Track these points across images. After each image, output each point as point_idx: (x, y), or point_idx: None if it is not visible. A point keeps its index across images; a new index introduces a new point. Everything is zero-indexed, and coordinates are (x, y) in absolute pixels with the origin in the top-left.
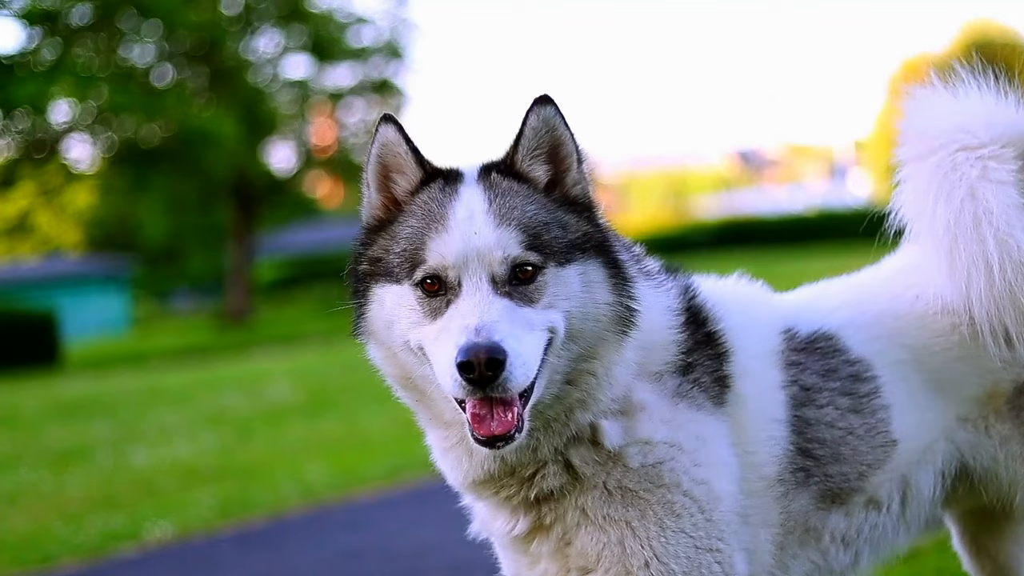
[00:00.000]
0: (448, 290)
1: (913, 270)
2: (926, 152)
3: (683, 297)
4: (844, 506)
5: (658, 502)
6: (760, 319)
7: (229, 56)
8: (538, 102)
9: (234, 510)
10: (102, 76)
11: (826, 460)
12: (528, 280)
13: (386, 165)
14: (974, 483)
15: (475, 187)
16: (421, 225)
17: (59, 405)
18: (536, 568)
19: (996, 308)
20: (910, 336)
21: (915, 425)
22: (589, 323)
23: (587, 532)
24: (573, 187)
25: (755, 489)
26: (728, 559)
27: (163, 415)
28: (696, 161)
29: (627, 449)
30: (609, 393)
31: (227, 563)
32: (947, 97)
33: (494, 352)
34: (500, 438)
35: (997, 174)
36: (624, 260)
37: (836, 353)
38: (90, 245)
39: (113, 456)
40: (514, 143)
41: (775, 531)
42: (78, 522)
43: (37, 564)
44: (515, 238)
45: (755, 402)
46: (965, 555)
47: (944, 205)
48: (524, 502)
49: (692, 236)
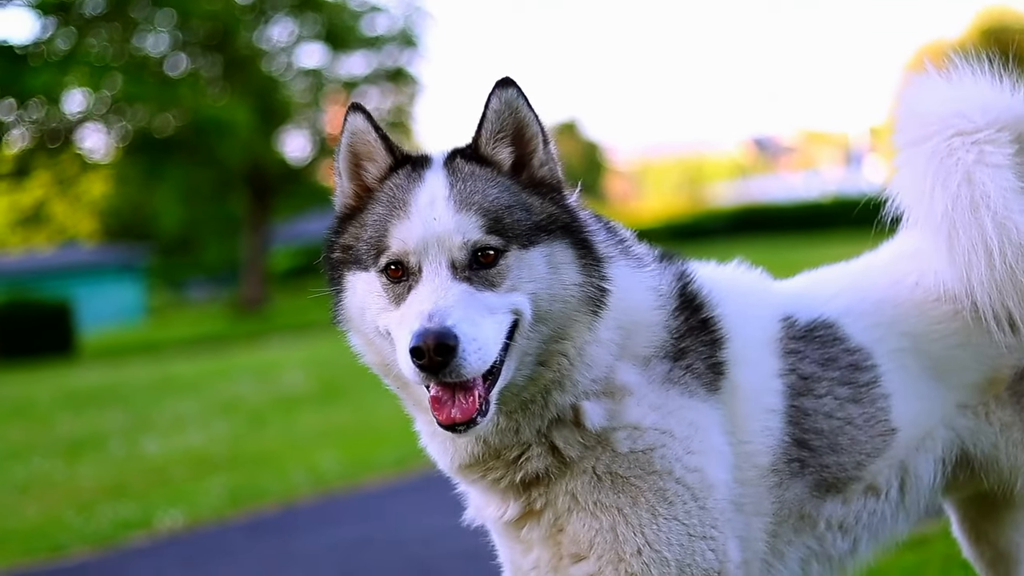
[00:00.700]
0: (410, 276)
1: (912, 256)
2: (922, 138)
3: (678, 282)
4: (841, 494)
5: (650, 489)
6: (758, 306)
7: (243, 45)
8: (499, 85)
9: (245, 499)
10: (116, 66)
11: (823, 451)
12: (490, 264)
13: (356, 153)
14: (975, 470)
15: (439, 173)
16: (386, 212)
17: (73, 395)
18: (529, 555)
19: (998, 292)
20: (910, 323)
21: (915, 413)
22: (557, 305)
23: (579, 518)
24: (540, 168)
25: (749, 478)
26: (722, 547)
27: (176, 404)
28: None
29: (615, 434)
30: (588, 374)
31: (237, 551)
32: (942, 83)
33: (443, 338)
34: (461, 423)
35: (993, 158)
36: (595, 240)
37: (835, 342)
38: (105, 235)
39: (125, 445)
40: (477, 127)
41: (768, 519)
42: (90, 511)
43: (48, 553)
44: (475, 223)
45: (751, 390)
46: (965, 541)
47: (941, 190)
48: (512, 486)
49: (707, 223)
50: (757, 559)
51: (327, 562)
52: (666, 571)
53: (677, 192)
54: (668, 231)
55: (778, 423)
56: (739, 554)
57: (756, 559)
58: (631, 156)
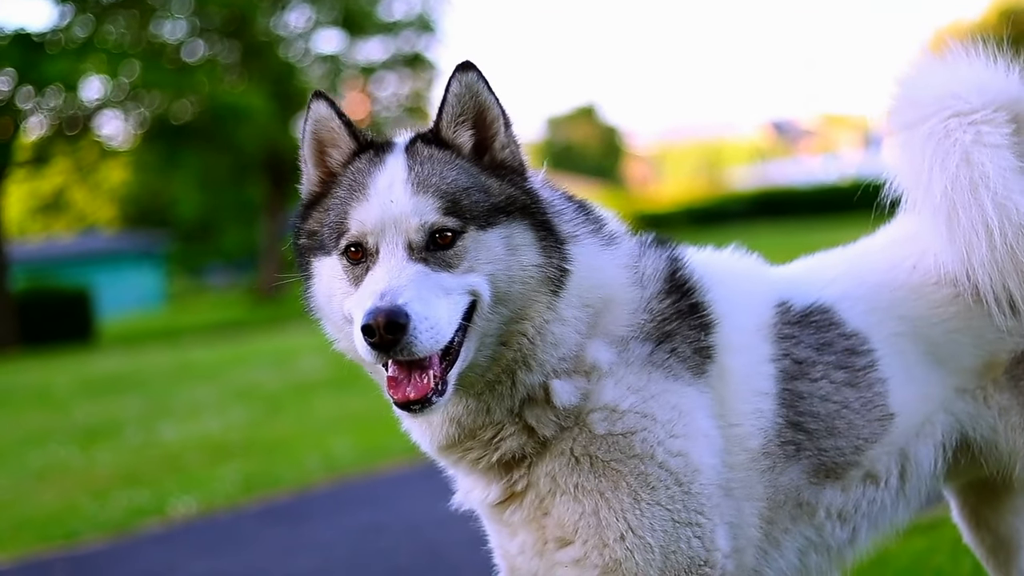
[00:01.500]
0: (368, 257)
1: (910, 240)
2: (918, 120)
3: (668, 266)
4: (840, 481)
5: (631, 473)
6: (751, 292)
7: (260, 31)
8: (460, 68)
9: (259, 485)
10: (133, 53)
11: (819, 434)
12: (447, 246)
13: (321, 140)
14: (974, 455)
15: (400, 156)
16: (347, 195)
17: (90, 381)
18: (515, 539)
19: (999, 273)
20: (907, 307)
21: (913, 398)
22: (516, 286)
23: (562, 502)
24: (501, 151)
25: (738, 462)
26: (709, 533)
27: (193, 391)
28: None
29: (592, 415)
30: (555, 353)
31: (249, 538)
32: (939, 65)
33: (394, 316)
34: (416, 402)
35: (991, 138)
36: (558, 221)
37: (831, 326)
38: (125, 221)
39: (142, 432)
40: (438, 111)
41: (761, 505)
42: (104, 498)
43: (62, 540)
44: (432, 205)
45: (741, 375)
46: (965, 528)
47: (940, 171)
48: (492, 467)
49: (726, 207)
50: (751, 546)
51: (339, 548)
52: (650, 558)
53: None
54: (687, 215)
55: (770, 405)
56: (728, 542)
57: (750, 546)
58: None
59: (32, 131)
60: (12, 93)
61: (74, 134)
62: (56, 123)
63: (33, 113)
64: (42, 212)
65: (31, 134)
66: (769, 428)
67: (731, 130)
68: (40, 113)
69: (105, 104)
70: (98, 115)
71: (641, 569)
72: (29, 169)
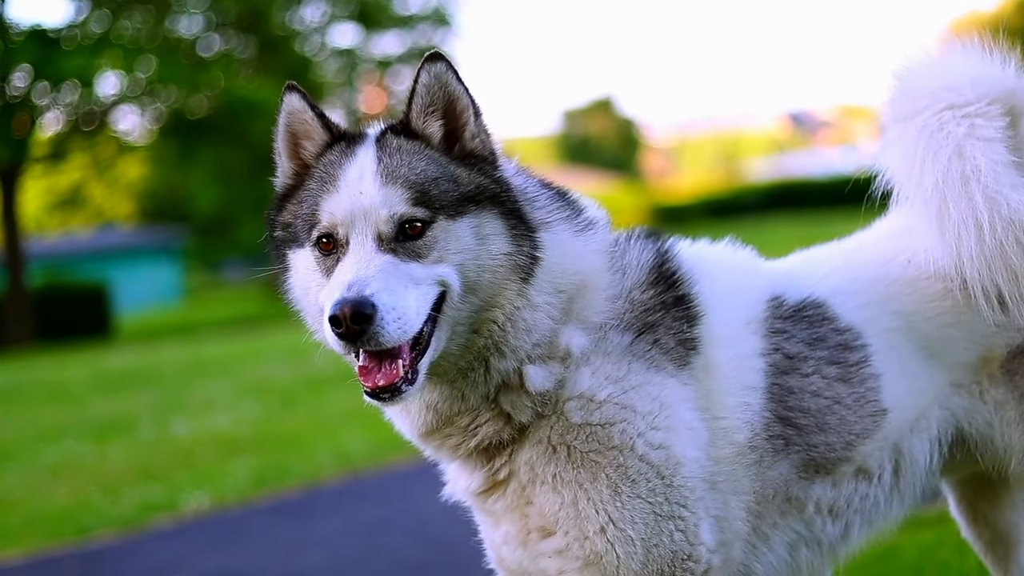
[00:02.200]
0: (339, 248)
1: (905, 233)
2: (912, 112)
3: (656, 258)
4: (831, 476)
5: (609, 465)
6: (741, 286)
7: (276, 26)
8: (428, 59)
9: (270, 480)
10: (149, 48)
11: (810, 429)
12: (417, 236)
13: (294, 132)
14: (970, 450)
15: (370, 148)
16: (318, 187)
17: (106, 377)
18: (499, 529)
19: (987, 268)
20: (902, 302)
21: (907, 393)
22: (485, 275)
23: (542, 492)
24: (471, 140)
25: (724, 455)
26: (692, 527)
27: (207, 386)
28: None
29: (568, 403)
30: (527, 338)
31: (259, 534)
32: (934, 59)
33: (360, 306)
34: (385, 389)
35: (984, 131)
36: (529, 209)
37: (825, 321)
38: (142, 217)
39: (155, 427)
40: (408, 102)
41: (748, 498)
42: (116, 494)
43: (74, 536)
44: (401, 195)
45: (727, 368)
46: (962, 522)
47: (931, 164)
48: (473, 454)
49: (744, 199)
50: (739, 540)
51: (347, 543)
52: (631, 551)
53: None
54: (704, 207)
55: (758, 399)
56: (713, 536)
57: (737, 540)
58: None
59: (49, 127)
60: (28, 89)
61: (91, 130)
62: (72, 119)
63: (49, 109)
64: (60, 208)
65: (48, 130)
66: (756, 422)
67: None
68: (56, 109)
69: (121, 99)
70: (114, 110)
71: (622, 562)
72: (46, 165)
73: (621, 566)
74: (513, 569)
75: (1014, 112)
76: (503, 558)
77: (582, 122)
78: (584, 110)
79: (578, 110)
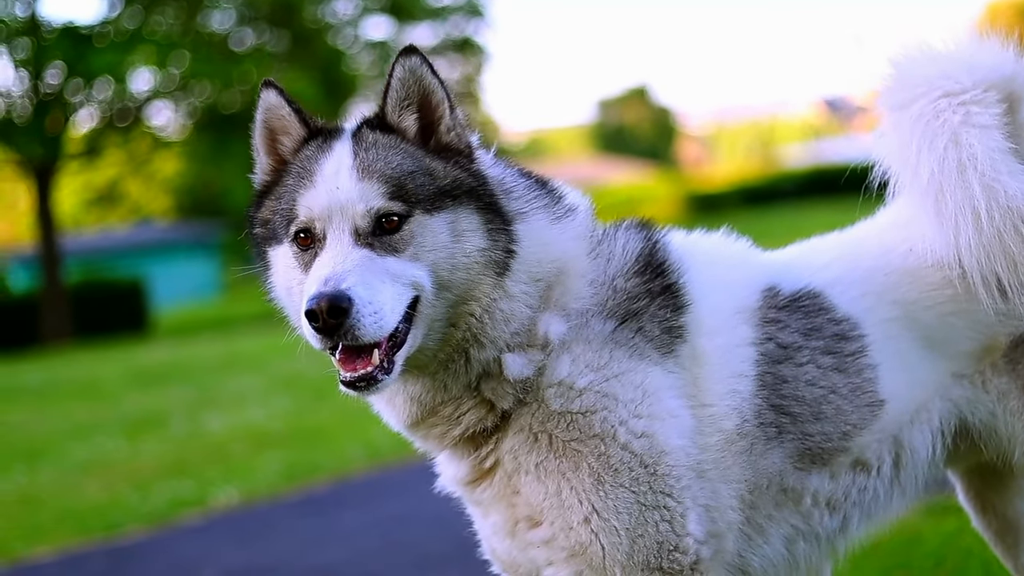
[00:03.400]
0: (316, 243)
1: (906, 223)
2: (908, 100)
3: (645, 246)
4: (827, 467)
5: (591, 454)
6: (734, 276)
7: (309, 19)
8: (403, 53)
9: (299, 474)
10: (181, 44)
11: (804, 418)
12: (394, 230)
13: (272, 128)
14: (973, 440)
15: (346, 142)
16: (295, 182)
17: (140, 373)
18: (488, 520)
19: (986, 256)
20: (901, 292)
21: (906, 384)
22: (459, 273)
23: (527, 481)
24: (447, 134)
25: (712, 443)
26: (679, 517)
27: (241, 380)
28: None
29: (547, 391)
30: (505, 328)
31: (284, 528)
32: (932, 46)
33: (336, 300)
34: (362, 379)
35: (980, 118)
36: (505, 200)
37: (821, 311)
38: (179, 212)
39: (187, 422)
40: (383, 96)
41: (740, 487)
42: (146, 489)
43: (104, 532)
44: (377, 190)
45: (716, 357)
46: (971, 511)
47: (927, 153)
48: (459, 444)
49: (780, 185)
50: (732, 531)
51: (369, 536)
52: (616, 541)
53: (749, 155)
54: (740, 194)
55: (748, 387)
56: (702, 526)
57: (730, 530)
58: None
59: (83, 124)
60: (61, 87)
61: (125, 125)
62: (107, 115)
63: (82, 106)
64: (97, 204)
65: (82, 127)
66: (746, 409)
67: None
68: (90, 106)
69: (155, 95)
70: (148, 106)
71: (608, 553)
72: (82, 162)
73: (607, 556)
74: (504, 560)
75: (1013, 98)
76: (494, 549)
77: (617, 111)
78: (619, 99)
79: (613, 99)
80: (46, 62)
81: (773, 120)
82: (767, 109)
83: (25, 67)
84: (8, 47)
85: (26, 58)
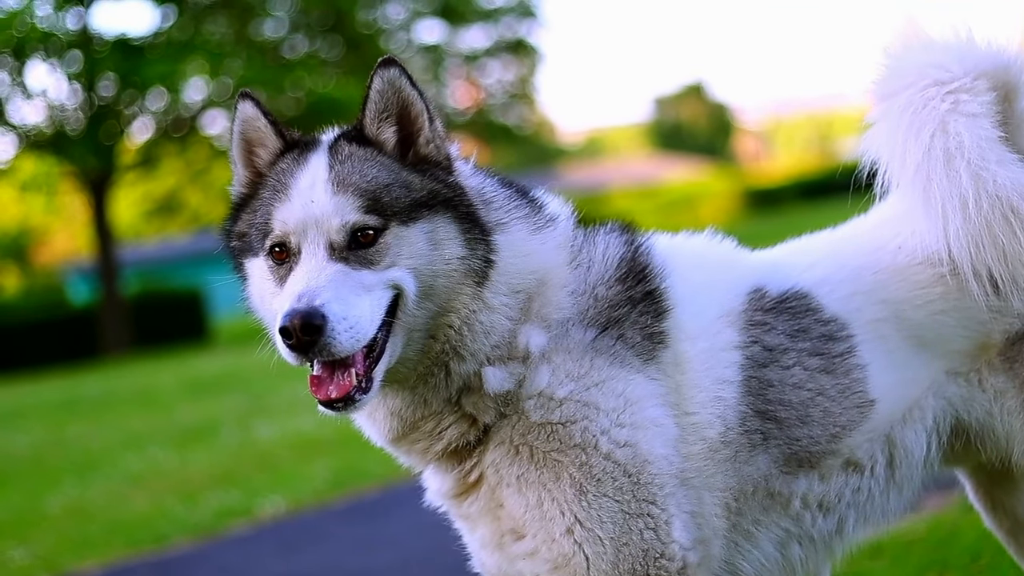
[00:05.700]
0: (292, 257)
1: (896, 220)
2: (898, 89)
3: (626, 251)
4: (815, 470)
5: (572, 464)
6: (718, 279)
7: (360, 24)
8: (381, 65)
9: (347, 481)
10: (233, 52)
11: (791, 422)
12: (369, 243)
13: (248, 140)
14: (970, 439)
15: (323, 155)
16: (271, 195)
17: (195, 383)
18: (475, 533)
19: (975, 247)
20: (890, 290)
21: (896, 383)
22: (440, 280)
23: (509, 494)
24: (426, 146)
25: (695, 451)
26: (664, 525)
27: (294, 388)
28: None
29: (527, 402)
30: (485, 340)
31: (331, 536)
32: (924, 37)
33: (309, 317)
34: (338, 400)
35: (968, 107)
36: (483, 211)
37: (808, 312)
38: None
39: (238, 432)
40: (362, 108)
41: (724, 495)
42: (194, 500)
43: (151, 544)
44: (352, 204)
45: (699, 362)
46: (982, 510)
47: (914, 142)
48: (442, 458)
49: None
50: (717, 537)
51: (416, 543)
52: (600, 551)
53: (807, 149)
54: (798, 188)
55: (732, 393)
56: (688, 533)
57: (716, 537)
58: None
59: (138, 134)
60: (115, 98)
61: (181, 135)
62: (161, 125)
63: (137, 117)
64: (156, 215)
65: (137, 138)
66: (730, 417)
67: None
68: (144, 116)
69: (209, 104)
70: (203, 115)
71: (592, 563)
72: (138, 172)
73: (591, 567)
74: (494, 573)
75: (1007, 88)
76: (483, 562)
77: (674, 108)
78: (675, 96)
79: (669, 96)
80: (99, 74)
81: (830, 113)
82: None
83: (78, 80)
84: (61, 60)
85: (79, 71)
